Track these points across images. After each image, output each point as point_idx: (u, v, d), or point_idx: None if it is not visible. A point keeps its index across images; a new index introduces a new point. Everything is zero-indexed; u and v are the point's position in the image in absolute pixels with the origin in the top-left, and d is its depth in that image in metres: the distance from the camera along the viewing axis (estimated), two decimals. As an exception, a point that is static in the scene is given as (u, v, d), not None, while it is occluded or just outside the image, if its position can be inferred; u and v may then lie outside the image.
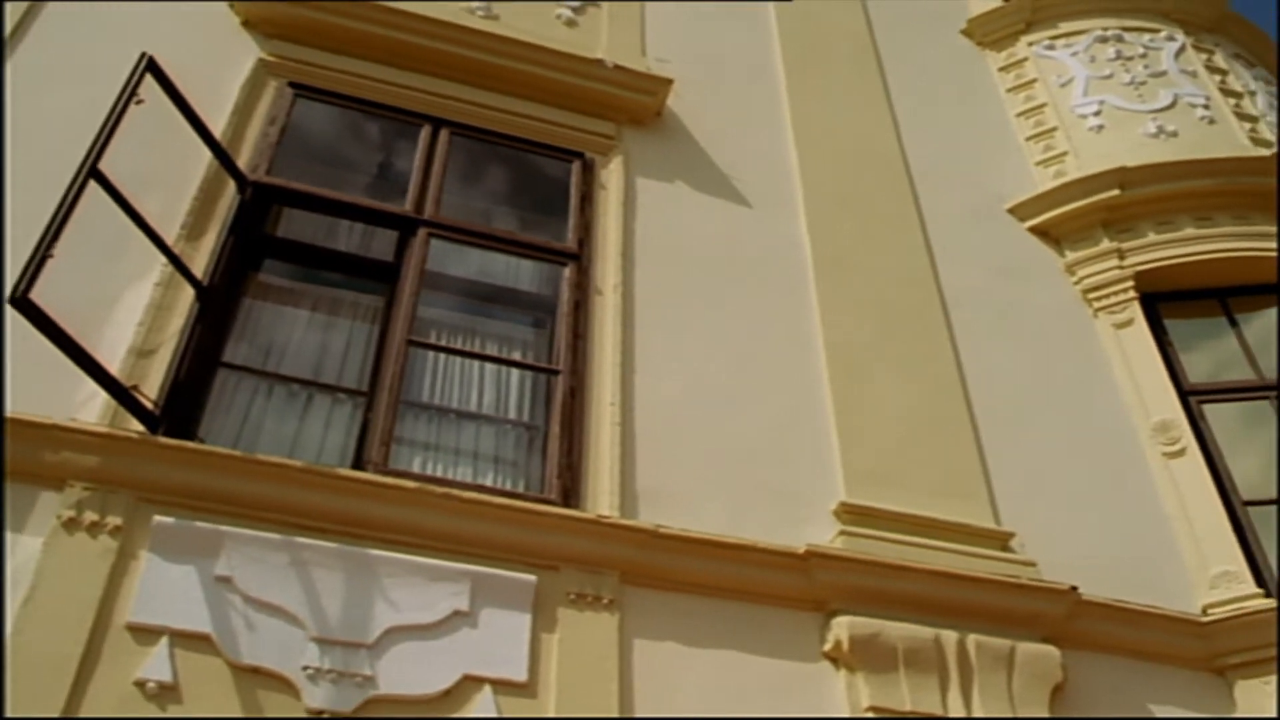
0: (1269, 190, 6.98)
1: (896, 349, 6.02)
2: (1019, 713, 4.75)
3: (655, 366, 5.57)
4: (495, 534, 4.63)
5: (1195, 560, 5.62)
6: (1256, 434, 6.29)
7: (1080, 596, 5.14)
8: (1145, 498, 5.90)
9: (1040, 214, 7.14)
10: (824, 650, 4.80)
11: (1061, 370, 6.41)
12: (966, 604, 4.97)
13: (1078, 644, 5.13)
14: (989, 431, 5.87)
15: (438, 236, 5.80)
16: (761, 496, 5.22)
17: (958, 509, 5.38)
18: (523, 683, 4.36)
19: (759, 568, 4.86)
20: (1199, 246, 6.82)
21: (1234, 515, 5.80)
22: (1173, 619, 5.29)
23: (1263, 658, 5.20)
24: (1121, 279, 6.74)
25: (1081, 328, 6.68)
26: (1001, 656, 4.89)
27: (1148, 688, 5.16)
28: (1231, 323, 6.76)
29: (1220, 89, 7.91)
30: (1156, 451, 6.03)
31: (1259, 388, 6.42)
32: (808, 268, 6.32)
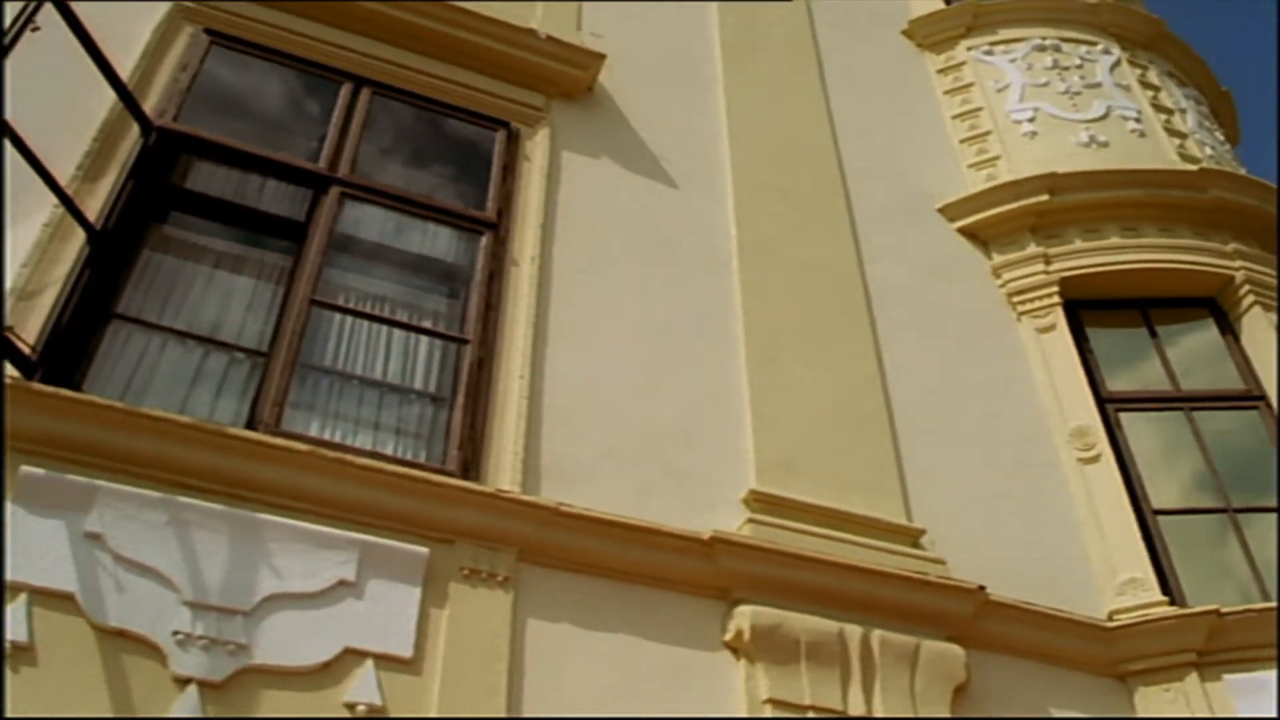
0: (1194, 204, 6.99)
1: (817, 340, 5.91)
2: (920, 711, 4.66)
3: (568, 342, 5.41)
4: (388, 503, 4.43)
5: (1103, 566, 5.57)
6: (1170, 444, 6.28)
7: (988, 596, 5.06)
8: (1058, 502, 5.85)
9: (970, 215, 7.10)
10: (724, 639, 4.66)
11: (982, 371, 6.35)
12: (872, 599, 4.86)
13: (983, 644, 5.05)
14: (905, 428, 5.79)
15: (351, 196, 5.59)
16: (669, 480, 5.07)
17: (869, 503, 5.28)
18: (407, 659, 4.15)
19: (662, 552, 4.71)
20: (1124, 256, 6.82)
21: (1144, 523, 5.77)
22: (1078, 623, 5.24)
23: (1164, 665, 5.16)
24: (1046, 284, 6.70)
25: (1004, 330, 6.63)
26: (905, 654, 4.79)
27: (1050, 691, 5.09)
28: (1152, 334, 6.75)
29: (1152, 104, 7.94)
30: (1071, 457, 5.99)
31: (1175, 399, 6.42)
32: (731, 253, 6.19)
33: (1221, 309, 6.79)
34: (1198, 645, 5.15)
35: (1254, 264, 6.83)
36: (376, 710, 3.99)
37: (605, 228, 6.03)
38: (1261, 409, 6.32)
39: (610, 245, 5.96)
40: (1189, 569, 5.69)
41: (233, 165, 5.60)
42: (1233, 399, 6.41)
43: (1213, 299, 6.84)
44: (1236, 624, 5.18)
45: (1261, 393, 6.37)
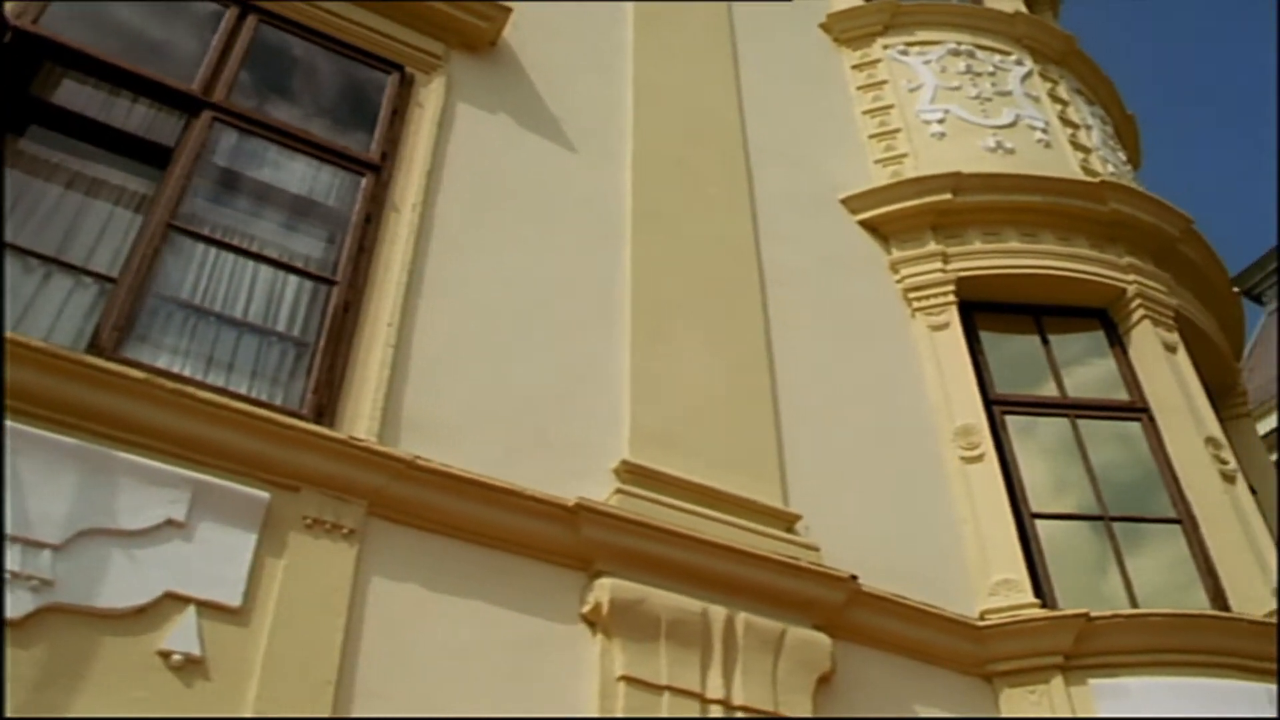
0: (1093, 215, 6.98)
1: (706, 317, 5.72)
2: (781, 698, 4.47)
3: (445, 295, 5.13)
4: (229, 442, 4.09)
5: (979, 566, 5.47)
6: (1053, 450, 6.23)
7: (860, 587, 4.90)
8: (938, 499, 5.74)
9: (872, 209, 6.99)
10: (582, 612, 4.42)
11: (872, 363, 6.23)
12: (741, 580, 4.67)
13: (851, 635, 4.89)
14: (790, 413, 5.62)
15: (224, 123, 5.23)
16: (538, 445, 4.82)
17: (745, 484, 5.09)
18: (235, 608, 3.83)
19: (523, 516, 4.46)
20: (1021, 261, 6.76)
21: (1022, 526, 5.69)
22: (949, 620, 5.11)
23: (1031, 666, 5.06)
24: (943, 282, 6.62)
25: (897, 325, 6.53)
26: (770, 639, 4.60)
27: (915, 687, 4.95)
28: (1043, 341, 6.71)
29: (1060, 117, 7.95)
30: (955, 455, 5.89)
31: (1061, 405, 6.37)
32: (625, 223, 5.97)
33: (1112, 321, 6.78)
34: (1065, 648, 5.06)
35: (1146, 279, 6.84)
36: (194, 661, 3.66)
37: (495, 184, 5.76)
38: (1144, 421, 6.30)
39: (499, 202, 5.69)
40: (1063, 574, 5.62)
41: (100, 80, 5.21)
42: (1117, 409, 6.38)
43: (1104, 311, 6.82)
44: (1105, 628, 5.11)
45: (1145, 405, 6.35)
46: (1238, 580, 5.55)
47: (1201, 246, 7.37)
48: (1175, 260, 7.20)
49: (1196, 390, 6.38)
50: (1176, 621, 5.16)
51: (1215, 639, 5.13)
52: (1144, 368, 6.47)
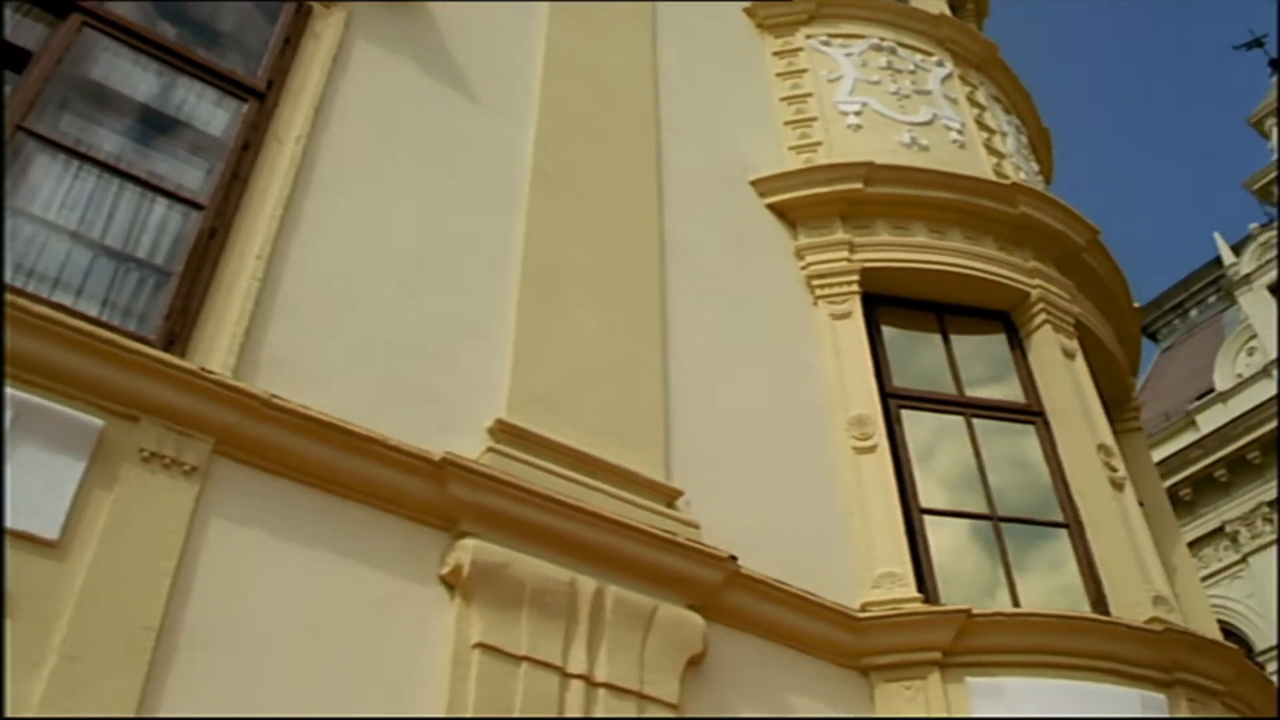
0: (1002, 217, 6.90)
1: (599, 283, 5.48)
2: (647, 678, 4.24)
3: (323, 234, 4.81)
4: (61, 361, 3.73)
5: (863, 557, 5.30)
6: (947, 447, 6.11)
7: (738, 568, 4.70)
8: (826, 487, 5.57)
9: (782, 193, 6.82)
10: (441, 573, 4.13)
11: (769, 347, 6.05)
12: (613, 552, 4.43)
13: (726, 618, 4.68)
14: (680, 388, 5.40)
15: (95, 29, 4.84)
16: (409, 394, 4.53)
17: (627, 455, 4.85)
18: (52, 541, 3.47)
19: (385, 467, 4.16)
20: (928, 256, 6.65)
21: (910, 520, 5.54)
22: (827, 609, 4.93)
23: (909, 661, 4.90)
24: (848, 271, 6.47)
25: (799, 311, 6.36)
26: (641, 615, 4.37)
27: (789, 676, 4.76)
28: (944, 338, 6.60)
29: (976, 121, 7.89)
30: (847, 445, 5.72)
31: (957, 403, 6.25)
32: (523, 181, 5.70)
33: (1014, 324, 6.70)
34: (945, 644, 4.91)
35: (1050, 284, 6.77)
36: (-3, 595, 3.29)
37: (389, 126, 5.45)
38: (1039, 425, 6.22)
39: (391, 145, 5.39)
40: (948, 571, 5.48)
41: (-40, -24, 4.78)
42: (1013, 411, 6.29)
43: (1007, 314, 6.74)
44: (986, 626, 4.97)
45: (1041, 409, 6.27)
46: (1120, 586, 5.47)
47: (1106, 258, 7.35)
48: (1079, 269, 7.16)
49: (1092, 398, 6.32)
50: (1057, 623, 5.05)
51: (1094, 642, 5.03)
52: (1042, 372, 6.40)
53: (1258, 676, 5.54)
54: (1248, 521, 16.37)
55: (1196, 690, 5.10)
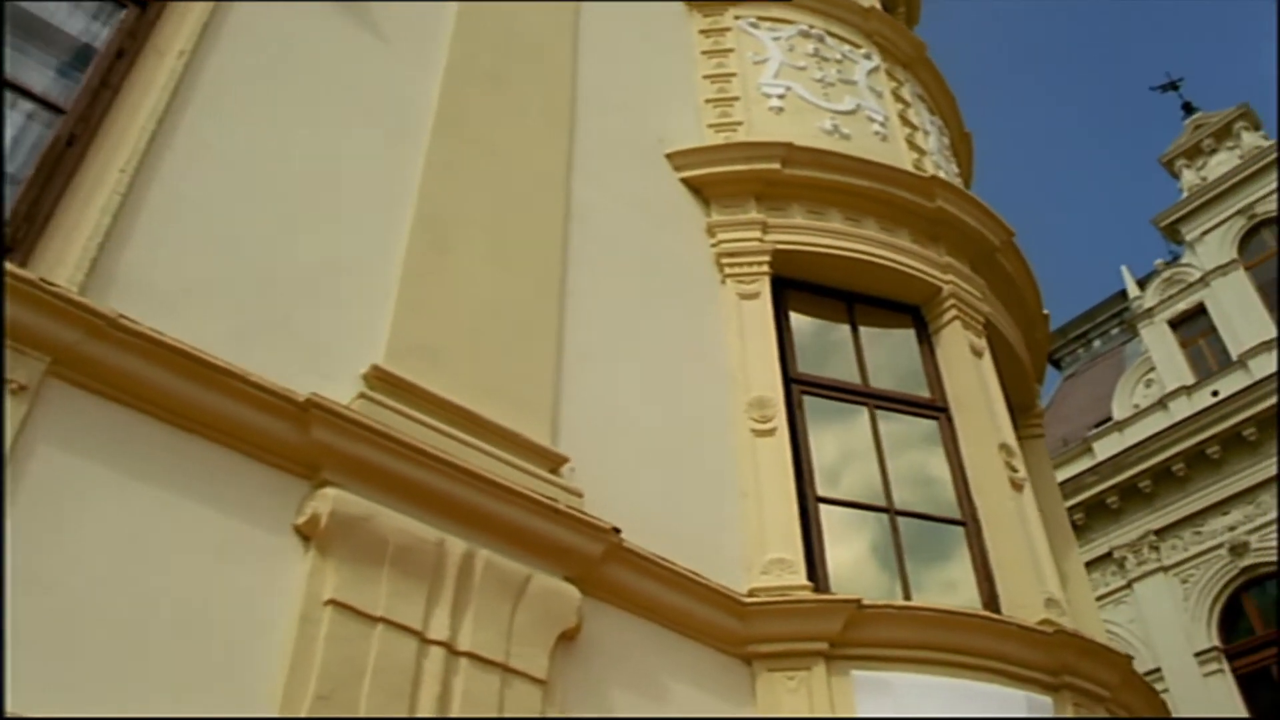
0: (919, 210, 6.76)
1: (497, 237, 5.18)
2: (514, 650, 3.95)
3: (198, 155, 4.44)
4: (-125, 256, 3.33)
5: (755, 542, 5.08)
6: (848, 436, 5.93)
7: (621, 541, 4.43)
8: (721, 468, 5.34)
9: (697, 168, 6.60)
10: (296, 523, 3.79)
11: (673, 321, 5.81)
12: (488, 514, 4.13)
13: (605, 594, 4.42)
14: (575, 353, 5.13)
15: (-44, -88, 4.41)
16: (278, 331, 4.19)
17: (512, 416, 4.55)
18: None
19: (244, 404, 3.81)
20: (842, 243, 6.47)
21: (805, 507, 5.34)
22: (713, 591, 4.69)
23: (794, 651, 4.68)
24: (759, 251, 6.26)
25: (706, 288, 6.13)
26: (512, 584, 4.07)
27: (668, 659, 4.50)
28: (853, 328, 6.43)
29: (900, 116, 7.76)
30: (746, 427, 5.50)
31: (862, 393, 6.08)
32: (425, 126, 5.39)
33: (924, 319, 6.55)
34: (832, 634, 4.70)
35: (963, 282, 6.65)
36: None
37: (285, 54, 5.10)
38: (942, 421, 6.07)
39: (286, 72, 5.04)
40: (841, 561, 5.29)
41: None
42: (917, 405, 6.14)
43: (917, 308, 6.59)
44: (875, 618, 4.78)
45: (945, 405, 6.12)
46: (1013, 587, 5.33)
47: (1019, 262, 7.26)
48: (992, 270, 7.05)
49: (996, 397, 6.20)
50: (947, 619, 4.87)
51: (984, 641, 4.86)
52: (949, 368, 6.26)
53: (1143, 684, 5.45)
54: (1135, 549, 16.60)
55: (1083, 695, 4.97)
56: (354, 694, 3.50)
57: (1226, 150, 20.47)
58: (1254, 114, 20.63)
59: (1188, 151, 21.00)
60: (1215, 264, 18.95)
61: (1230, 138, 20.56)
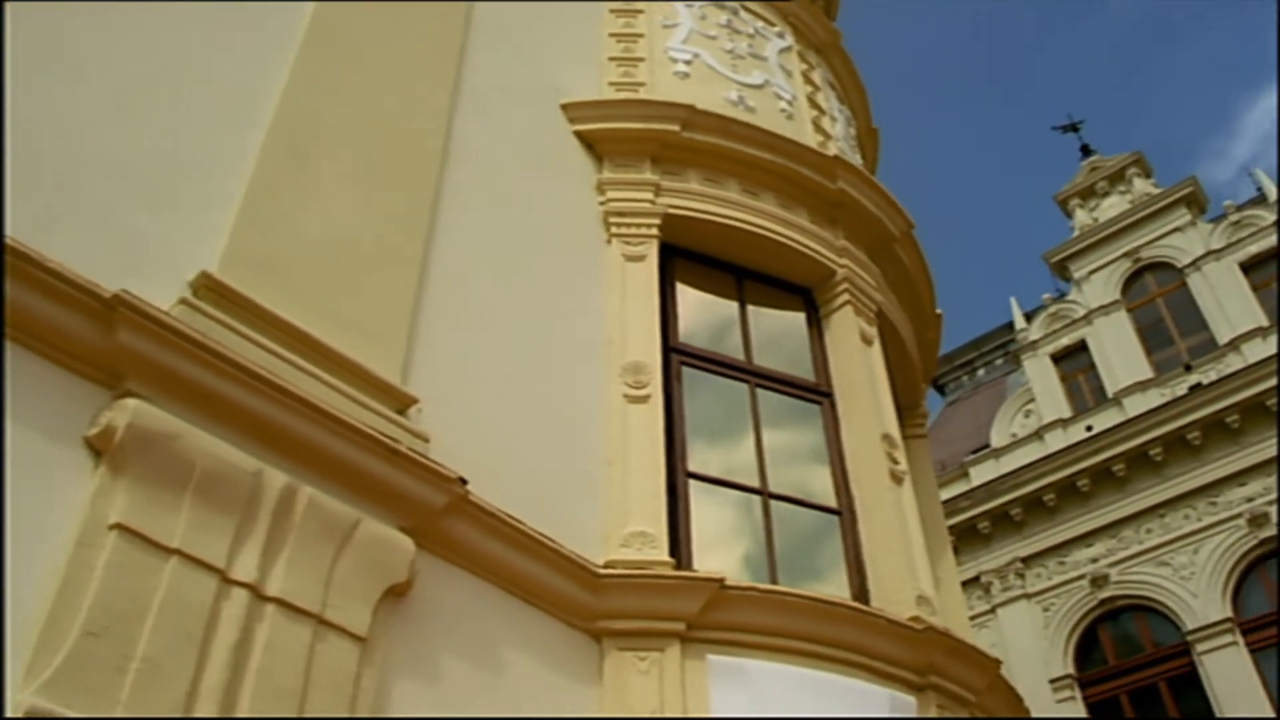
0: (820, 190, 6.48)
1: (365, 159, 4.73)
2: (332, 601, 3.49)
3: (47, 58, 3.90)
4: None
5: (616, 512, 4.70)
6: (727, 413, 5.60)
7: (467, 493, 4.01)
8: (587, 431, 4.96)
9: (593, 121, 6.22)
10: (88, 434, 3.28)
11: (550, 274, 5.41)
12: (317, 449, 3.67)
13: (445, 550, 4.00)
14: (439, 291, 4.70)
15: None
16: (95, 223, 3.68)
17: (359, 347, 4.10)
18: None
19: (36, 293, 3.28)
20: (738, 214, 6.15)
21: (674, 481, 4.98)
22: (566, 559, 4.30)
23: (648, 630, 4.31)
24: (649, 213, 5.90)
25: (589, 245, 5.75)
26: (337, 527, 3.62)
27: (510, 628, 4.09)
28: (741, 304, 6.11)
29: (809, 99, 7.49)
30: (618, 392, 5.13)
31: (745, 370, 5.76)
32: (298, 33, 4.90)
33: (815, 302, 6.27)
34: (690, 615, 4.35)
35: (858, 268, 6.39)
36: None
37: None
38: (825, 406, 5.78)
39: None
40: (707, 540, 4.94)
41: None
42: (801, 388, 5.84)
43: (809, 290, 6.31)
44: (738, 600, 4.44)
45: (830, 390, 5.84)
46: (885, 581, 5.05)
47: (917, 256, 7.05)
48: (889, 262, 6.82)
49: (883, 387, 5.94)
50: (814, 607, 4.55)
51: (850, 633, 4.56)
52: (836, 353, 5.98)
53: (1009, 691, 5.21)
54: (1001, 574, 16.70)
55: (948, 697, 4.70)
56: (132, 632, 3.01)
57: (1119, 194, 20.87)
58: (1147, 162, 21.08)
59: (1082, 192, 21.36)
60: (1099, 303, 19.25)
61: (1123, 182, 20.97)
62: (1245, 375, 15.95)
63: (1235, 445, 15.74)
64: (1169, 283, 18.98)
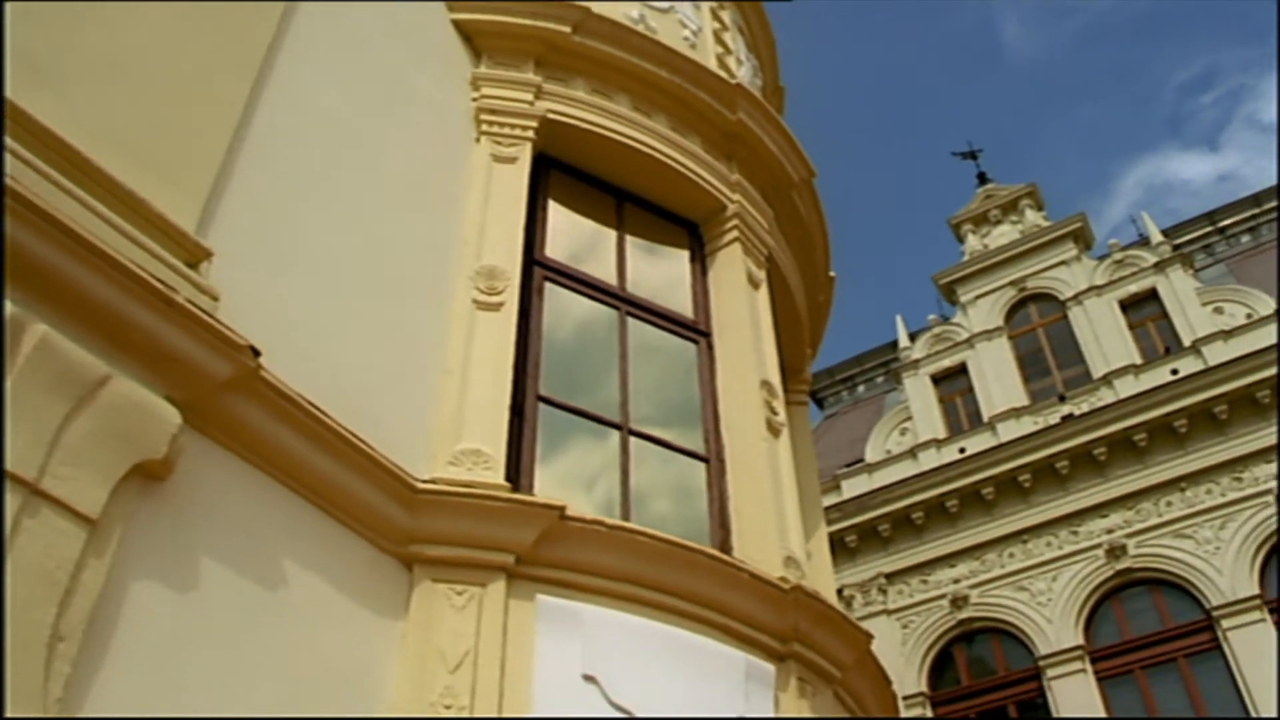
0: (718, 119, 5.89)
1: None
2: (55, 469, 2.72)
3: None
4: None
5: (449, 426, 3.99)
6: (592, 340, 4.94)
7: (259, 368, 3.27)
8: (423, 332, 4.25)
9: (475, 12, 5.52)
10: None
11: (404, 162, 4.69)
12: (64, 280, 2.90)
13: (225, 434, 3.27)
14: (263, 143, 3.95)
15: None
16: None
17: (150, 185, 3.32)
18: None
19: None
20: (625, 129, 5.50)
21: (522, 402, 4.31)
22: (378, 465, 3.57)
23: (472, 561, 3.61)
24: (526, 115, 5.22)
25: (454, 140, 5.04)
26: (76, 380, 2.85)
27: (297, 537, 3.35)
28: (620, 228, 5.46)
29: (715, 34, 6.91)
30: (467, 295, 4.42)
31: (616, 296, 5.11)
32: None
33: (701, 237, 5.66)
34: (523, 547, 3.66)
35: (751, 206, 5.80)
36: None
37: None
38: (701, 346, 5.17)
39: None
40: (555, 474, 4.27)
41: None
42: (677, 324, 5.21)
43: (696, 225, 5.70)
44: (580, 535, 3.77)
45: (708, 330, 5.23)
46: (750, 537, 4.44)
47: (815, 208, 6.51)
48: (785, 209, 6.26)
49: (767, 333, 5.35)
50: (668, 551, 3.90)
51: (708, 585, 3.93)
52: (719, 292, 5.38)
53: (878, 671, 4.65)
54: (864, 589, 16.42)
55: (811, 670, 4.11)
56: None
57: (1010, 223, 20.94)
58: (1039, 194, 21.20)
59: (975, 218, 21.36)
60: (983, 328, 19.21)
61: (1015, 212, 21.04)
62: (1116, 409, 16.00)
63: (1100, 477, 15.81)
64: (1050, 314, 19.04)
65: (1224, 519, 14.71)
